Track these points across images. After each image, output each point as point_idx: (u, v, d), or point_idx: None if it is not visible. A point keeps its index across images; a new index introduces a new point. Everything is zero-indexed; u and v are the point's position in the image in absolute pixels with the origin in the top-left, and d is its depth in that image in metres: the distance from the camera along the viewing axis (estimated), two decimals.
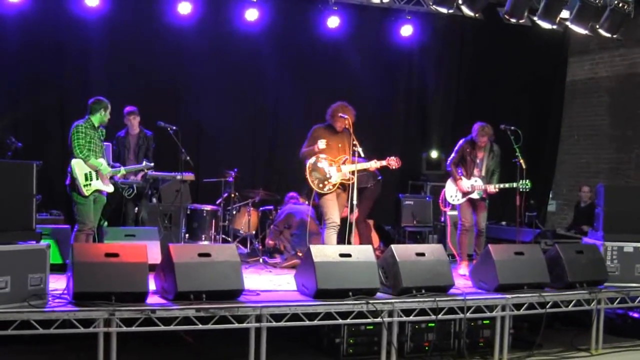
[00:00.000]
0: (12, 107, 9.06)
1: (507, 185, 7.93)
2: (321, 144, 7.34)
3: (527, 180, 7.77)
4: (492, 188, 7.92)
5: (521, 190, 7.80)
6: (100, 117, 6.83)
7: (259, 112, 10.75)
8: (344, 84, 10.80)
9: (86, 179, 6.66)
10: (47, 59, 9.29)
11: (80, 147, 6.65)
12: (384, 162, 7.51)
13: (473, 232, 8.15)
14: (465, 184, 8.03)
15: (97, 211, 6.85)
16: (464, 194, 8.05)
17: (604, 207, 7.42)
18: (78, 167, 6.63)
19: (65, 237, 7.04)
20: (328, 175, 7.41)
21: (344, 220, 7.49)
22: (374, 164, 7.47)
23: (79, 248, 5.52)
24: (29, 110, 9.04)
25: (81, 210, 6.69)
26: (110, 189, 6.88)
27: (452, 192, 8.19)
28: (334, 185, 7.42)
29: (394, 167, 7.60)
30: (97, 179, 6.73)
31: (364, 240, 8.68)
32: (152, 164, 7.65)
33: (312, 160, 7.43)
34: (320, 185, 7.41)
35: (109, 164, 6.97)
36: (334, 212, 7.42)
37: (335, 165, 7.46)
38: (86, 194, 6.64)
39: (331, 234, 7.39)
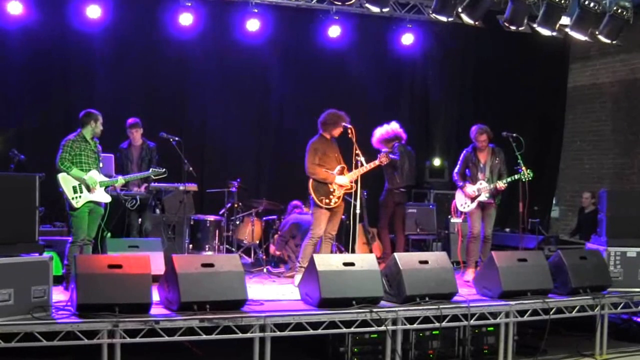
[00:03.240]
0: (15, 120, 9.13)
1: (509, 179, 8.01)
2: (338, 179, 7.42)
3: (529, 170, 7.87)
4: (501, 184, 8.02)
5: (523, 180, 7.87)
6: (91, 130, 6.84)
7: (261, 122, 10.80)
8: (347, 92, 10.83)
9: (75, 192, 6.64)
10: (50, 71, 9.37)
11: (61, 159, 6.66)
12: (376, 162, 7.61)
13: (479, 239, 8.21)
14: (470, 189, 8.15)
15: (93, 222, 6.81)
16: (473, 199, 8.14)
17: (606, 212, 7.45)
18: (63, 180, 6.64)
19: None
20: (332, 189, 7.43)
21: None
22: (370, 166, 7.51)
23: (82, 260, 5.52)
24: (33, 123, 9.10)
25: (74, 222, 6.70)
26: (106, 199, 6.84)
27: (461, 200, 8.32)
28: (338, 198, 7.45)
29: (384, 163, 7.82)
30: (89, 190, 6.70)
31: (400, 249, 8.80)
32: (164, 170, 7.56)
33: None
34: (327, 201, 7.41)
35: (111, 176, 6.98)
36: (321, 227, 7.41)
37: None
38: (76, 206, 6.63)
39: (309, 246, 7.42)
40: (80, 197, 6.66)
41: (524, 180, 7.87)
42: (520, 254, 7.04)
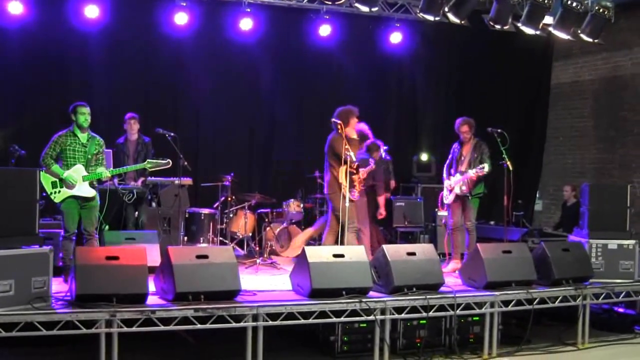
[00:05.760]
0: (15, 116, 9.24)
1: (480, 166, 7.94)
2: None
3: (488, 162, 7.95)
4: (472, 173, 7.98)
5: (486, 172, 7.90)
6: (77, 122, 6.80)
7: (254, 118, 10.94)
8: (336, 90, 11.00)
9: (54, 187, 6.66)
10: (49, 69, 9.48)
11: (45, 155, 6.68)
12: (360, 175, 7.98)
13: (463, 231, 8.30)
14: (449, 181, 8.33)
15: (88, 215, 6.80)
16: (450, 191, 8.31)
17: (588, 205, 7.58)
18: (42, 175, 6.58)
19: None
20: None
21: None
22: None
23: (80, 251, 5.61)
24: (32, 119, 9.21)
25: (63, 216, 6.75)
26: (90, 193, 6.77)
27: (445, 193, 8.48)
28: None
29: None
30: (71, 185, 6.70)
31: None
32: (167, 161, 7.31)
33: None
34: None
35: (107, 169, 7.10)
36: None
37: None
38: (56, 201, 6.67)
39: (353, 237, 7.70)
40: (59, 192, 6.67)
41: (487, 170, 7.87)
42: (504, 245, 7.14)
